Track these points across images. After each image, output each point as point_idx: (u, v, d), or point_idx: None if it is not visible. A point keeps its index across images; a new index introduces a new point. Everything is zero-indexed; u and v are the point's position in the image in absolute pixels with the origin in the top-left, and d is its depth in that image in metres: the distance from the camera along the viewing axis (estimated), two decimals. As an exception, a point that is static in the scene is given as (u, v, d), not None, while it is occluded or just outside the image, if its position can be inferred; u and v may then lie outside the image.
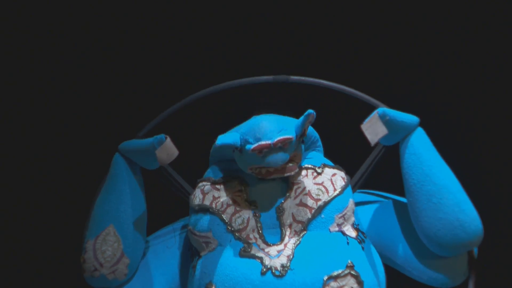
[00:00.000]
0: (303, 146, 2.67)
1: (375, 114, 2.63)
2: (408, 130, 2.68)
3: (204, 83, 2.81)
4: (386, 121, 2.62)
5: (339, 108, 3.05)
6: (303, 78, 2.80)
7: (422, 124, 2.70)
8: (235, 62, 2.74)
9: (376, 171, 2.85)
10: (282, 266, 2.55)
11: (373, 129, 2.62)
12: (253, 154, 2.55)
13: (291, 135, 2.53)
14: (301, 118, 2.55)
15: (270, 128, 2.56)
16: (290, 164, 2.60)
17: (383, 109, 2.65)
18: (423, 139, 2.69)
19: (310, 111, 2.54)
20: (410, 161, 2.67)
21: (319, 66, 2.74)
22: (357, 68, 3.37)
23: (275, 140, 2.52)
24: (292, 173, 2.61)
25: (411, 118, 2.69)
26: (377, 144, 2.71)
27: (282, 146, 2.53)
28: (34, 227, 3.46)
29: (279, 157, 2.54)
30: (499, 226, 3.22)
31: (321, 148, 2.79)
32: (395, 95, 2.98)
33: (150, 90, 3.41)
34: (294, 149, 2.60)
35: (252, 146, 2.53)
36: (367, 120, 2.63)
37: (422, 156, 2.66)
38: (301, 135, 2.59)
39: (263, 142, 2.52)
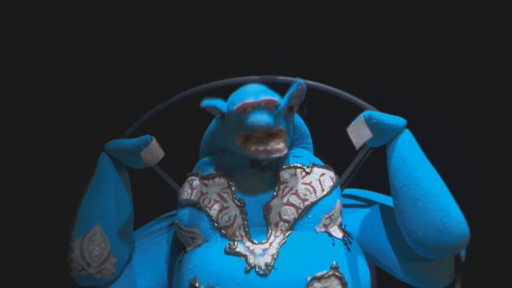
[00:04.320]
0: (291, 128, 2.64)
1: (360, 117, 2.62)
2: (394, 133, 2.67)
3: (190, 83, 2.81)
4: (372, 124, 2.62)
5: (327, 108, 3.05)
6: (290, 78, 2.77)
7: (409, 126, 2.70)
8: (222, 62, 2.74)
9: (365, 170, 2.85)
10: (266, 265, 2.55)
11: (358, 132, 2.62)
12: (238, 115, 2.50)
13: (277, 98, 2.51)
14: (290, 89, 2.53)
15: (255, 90, 2.54)
16: (279, 146, 2.54)
17: (369, 112, 2.65)
18: (409, 141, 2.68)
19: (300, 81, 2.53)
20: (396, 164, 2.66)
21: (306, 66, 2.74)
22: (344, 68, 3.37)
23: (260, 99, 2.48)
24: (282, 154, 2.55)
25: (398, 121, 2.68)
26: (362, 147, 2.71)
27: (266, 107, 2.49)
28: (20, 226, 3.46)
29: (262, 117, 2.48)
30: (486, 229, 3.21)
31: (311, 146, 2.78)
32: (383, 96, 2.99)
33: (137, 89, 3.41)
34: (281, 124, 2.55)
35: (236, 105, 2.50)
36: (353, 123, 2.63)
37: (408, 159, 2.65)
38: (289, 109, 2.57)
39: (247, 100, 2.49)
